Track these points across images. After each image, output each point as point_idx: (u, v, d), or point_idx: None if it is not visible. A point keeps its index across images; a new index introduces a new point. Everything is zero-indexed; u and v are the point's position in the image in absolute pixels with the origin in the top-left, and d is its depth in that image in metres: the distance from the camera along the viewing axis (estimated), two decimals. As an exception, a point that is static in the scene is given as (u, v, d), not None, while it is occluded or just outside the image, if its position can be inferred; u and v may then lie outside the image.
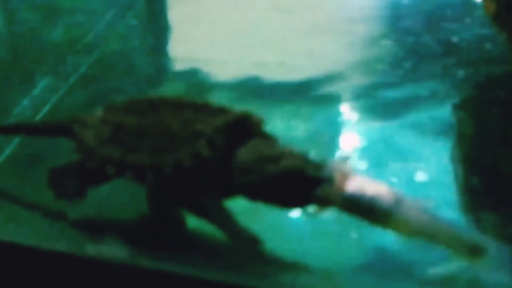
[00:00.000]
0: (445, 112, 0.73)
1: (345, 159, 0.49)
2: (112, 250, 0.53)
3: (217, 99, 0.76)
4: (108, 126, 0.57)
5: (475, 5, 0.88)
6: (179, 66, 0.92)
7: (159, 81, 0.89)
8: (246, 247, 0.53)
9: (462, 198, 0.59)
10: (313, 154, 0.52)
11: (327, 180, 0.48)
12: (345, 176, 0.48)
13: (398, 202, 0.46)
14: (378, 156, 0.65)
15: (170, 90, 0.85)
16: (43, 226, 0.60)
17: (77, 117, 0.60)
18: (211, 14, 1.02)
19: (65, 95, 0.81)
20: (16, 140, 0.70)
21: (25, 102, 0.79)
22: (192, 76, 0.85)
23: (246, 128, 0.54)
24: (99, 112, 0.59)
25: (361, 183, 0.47)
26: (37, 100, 0.80)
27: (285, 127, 0.72)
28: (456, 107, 0.74)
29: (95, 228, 0.58)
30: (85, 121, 0.59)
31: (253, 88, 0.81)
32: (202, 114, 0.55)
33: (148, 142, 0.55)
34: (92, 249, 0.54)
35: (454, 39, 0.86)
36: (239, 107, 0.55)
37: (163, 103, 0.57)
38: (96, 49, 0.92)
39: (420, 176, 0.61)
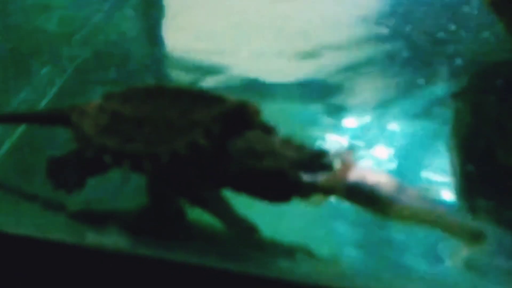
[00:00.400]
0: (442, 100, 0.73)
1: (347, 149, 0.50)
2: (113, 240, 0.54)
3: (215, 89, 0.76)
4: (106, 114, 0.57)
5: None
6: (176, 56, 0.91)
7: (157, 71, 0.89)
8: (244, 235, 0.54)
9: (457, 184, 0.60)
10: (312, 143, 0.52)
11: (310, 184, 0.49)
12: (348, 165, 0.48)
13: (399, 190, 0.47)
14: (375, 143, 0.65)
15: (167, 80, 0.85)
16: (43, 216, 0.60)
17: (75, 105, 0.60)
18: (208, 3, 1.01)
19: (63, 86, 0.81)
20: (17, 131, 0.71)
21: (23, 94, 0.80)
22: (190, 67, 0.85)
23: (244, 117, 0.54)
24: (97, 100, 0.59)
25: (363, 172, 0.48)
26: (34, 92, 0.80)
27: (284, 115, 0.72)
28: (454, 95, 0.74)
29: (95, 218, 0.59)
30: (83, 110, 0.59)
31: (251, 78, 0.81)
32: (199, 103, 0.55)
33: (146, 131, 0.55)
34: (93, 239, 0.55)
35: (452, 27, 0.86)
36: (237, 96, 0.55)
37: (160, 91, 0.57)
38: (93, 40, 0.92)
39: (416, 162, 0.61)
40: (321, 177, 0.49)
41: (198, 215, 0.56)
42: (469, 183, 0.60)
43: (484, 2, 0.78)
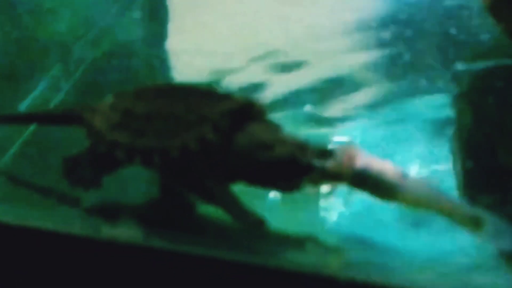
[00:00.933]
0: (444, 102, 0.75)
1: (351, 142, 0.52)
2: (127, 232, 0.56)
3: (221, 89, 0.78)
4: (117, 112, 0.59)
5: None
6: (182, 57, 0.93)
7: (164, 72, 0.90)
8: (252, 228, 0.55)
9: (460, 182, 0.62)
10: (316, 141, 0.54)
11: (320, 169, 0.51)
12: (353, 154, 0.51)
13: (404, 177, 0.50)
14: (377, 145, 0.67)
15: (173, 81, 0.86)
16: (58, 210, 0.62)
17: (87, 104, 0.62)
18: (214, 5, 1.03)
19: (72, 87, 0.83)
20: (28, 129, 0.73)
21: (33, 95, 0.81)
22: (195, 68, 0.86)
23: (251, 114, 0.56)
24: (108, 99, 0.61)
25: (368, 159, 0.51)
26: (44, 92, 0.82)
27: (289, 116, 0.74)
28: (455, 98, 0.76)
29: (108, 211, 0.61)
30: (95, 108, 0.61)
31: (256, 80, 0.82)
32: (208, 100, 0.57)
33: (156, 126, 0.56)
34: (107, 231, 0.57)
35: (453, 31, 0.87)
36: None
37: (170, 89, 0.60)
38: (102, 42, 0.94)
39: (420, 164, 0.63)
40: (328, 163, 0.51)
41: (207, 208, 0.58)
42: (471, 180, 0.62)
43: (483, 6, 0.80)
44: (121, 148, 0.57)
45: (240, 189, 0.56)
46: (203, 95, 0.58)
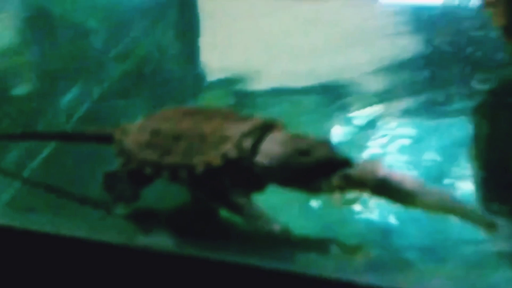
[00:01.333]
0: (461, 117, 0.78)
1: (374, 157, 0.56)
2: (160, 240, 0.59)
3: (250, 106, 0.82)
4: (146, 132, 0.63)
5: (488, 17, 0.92)
6: (212, 75, 0.97)
7: (194, 90, 0.94)
8: (275, 236, 0.58)
9: (476, 191, 0.65)
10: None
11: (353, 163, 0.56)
12: (376, 165, 0.55)
13: (421, 185, 0.54)
14: (397, 157, 0.71)
15: (205, 98, 0.90)
16: (93, 219, 0.66)
17: (117, 125, 0.67)
18: (241, 25, 1.07)
19: (100, 102, 0.87)
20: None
21: (61, 107, 0.86)
22: (226, 85, 0.90)
23: (269, 132, 0.60)
24: (138, 121, 0.66)
25: (389, 171, 0.55)
26: (72, 106, 0.86)
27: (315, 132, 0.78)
28: (472, 111, 0.80)
29: (141, 220, 0.64)
30: (125, 129, 0.65)
31: (285, 95, 0.86)
32: (229, 121, 0.61)
33: (182, 145, 0.61)
34: (142, 240, 0.60)
35: (469, 49, 0.91)
36: (272, 113, 0.61)
37: (195, 112, 0.64)
38: (133, 57, 0.98)
39: (438, 172, 0.67)
40: (354, 170, 0.56)
41: (231, 217, 0.61)
42: (485, 189, 0.65)
43: (496, 26, 0.84)
44: (150, 165, 0.61)
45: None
46: (225, 117, 0.62)
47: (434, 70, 0.88)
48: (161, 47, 1.05)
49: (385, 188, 0.54)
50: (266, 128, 0.60)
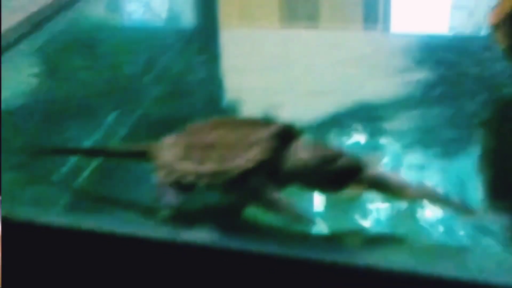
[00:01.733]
0: (471, 128, 0.85)
1: (375, 157, 0.67)
2: (203, 235, 0.65)
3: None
4: (180, 146, 0.71)
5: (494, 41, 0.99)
6: (237, 94, 1.02)
7: (222, 109, 0.99)
8: (305, 227, 0.66)
9: (484, 191, 0.73)
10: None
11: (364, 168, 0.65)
12: (374, 165, 0.65)
13: (408, 181, 0.66)
14: (410, 163, 0.77)
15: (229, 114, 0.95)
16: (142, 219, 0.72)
17: (153, 142, 0.74)
18: (262, 49, 1.14)
19: (137, 123, 0.92)
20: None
21: (101, 129, 0.90)
22: (252, 104, 0.96)
23: (290, 137, 0.68)
24: (170, 137, 0.73)
25: (382, 170, 0.67)
26: (110, 127, 0.91)
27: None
28: (481, 124, 0.86)
29: (184, 218, 0.70)
30: (159, 146, 0.73)
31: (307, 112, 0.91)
32: (254, 128, 0.69)
33: (215, 154, 0.68)
34: (187, 235, 0.65)
35: (477, 69, 0.97)
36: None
37: (221, 123, 0.71)
38: (164, 80, 1.04)
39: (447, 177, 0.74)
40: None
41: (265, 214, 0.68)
42: (492, 190, 0.73)
43: (501, 48, 0.90)
44: (188, 175, 0.68)
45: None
46: (250, 125, 0.69)
47: (445, 89, 0.95)
48: (189, 72, 1.10)
49: (379, 183, 0.65)
50: (287, 133, 0.68)
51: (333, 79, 1.02)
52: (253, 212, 0.69)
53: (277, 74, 1.04)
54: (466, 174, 0.75)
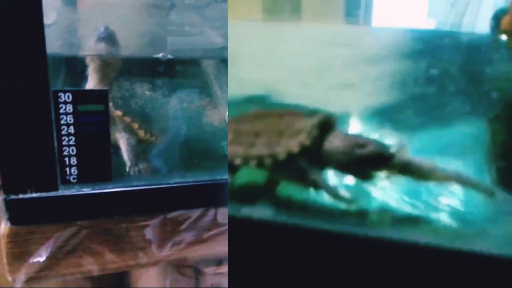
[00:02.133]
0: (480, 123, 0.91)
1: (402, 144, 0.75)
2: (263, 212, 0.73)
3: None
4: (230, 133, 0.79)
5: (502, 43, 1.07)
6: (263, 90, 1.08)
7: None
8: (345, 205, 0.74)
9: (492, 179, 0.80)
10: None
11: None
12: (402, 151, 0.73)
13: (436, 165, 0.72)
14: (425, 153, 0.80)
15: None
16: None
17: None
18: (280, 47, 1.20)
19: None
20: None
21: None
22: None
23: (329, 125, 0.76)
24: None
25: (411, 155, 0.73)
26: None
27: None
28: (490, 120, 0.92)
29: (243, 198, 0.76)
30: None
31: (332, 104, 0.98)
32: (298, 117, 0.77)
33: (263, 139, 0.76)
34: (247, 212, 0.72)
35: (487, 69, 1.04)
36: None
37: (267, 113, 0.79)
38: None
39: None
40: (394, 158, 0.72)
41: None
42: (500, 178, 0.80)
43: (509, 50, 0.98)
44: (239, 157, 0.76)
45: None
46: (293, 114, 0.77)
47: (458, 87, 1.01)
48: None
49: (409, 168, 0.72)
50: (327, 122, 0.75)
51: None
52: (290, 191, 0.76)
53: (303, 70, 1.10)
54: (475, 162, 0.82)
